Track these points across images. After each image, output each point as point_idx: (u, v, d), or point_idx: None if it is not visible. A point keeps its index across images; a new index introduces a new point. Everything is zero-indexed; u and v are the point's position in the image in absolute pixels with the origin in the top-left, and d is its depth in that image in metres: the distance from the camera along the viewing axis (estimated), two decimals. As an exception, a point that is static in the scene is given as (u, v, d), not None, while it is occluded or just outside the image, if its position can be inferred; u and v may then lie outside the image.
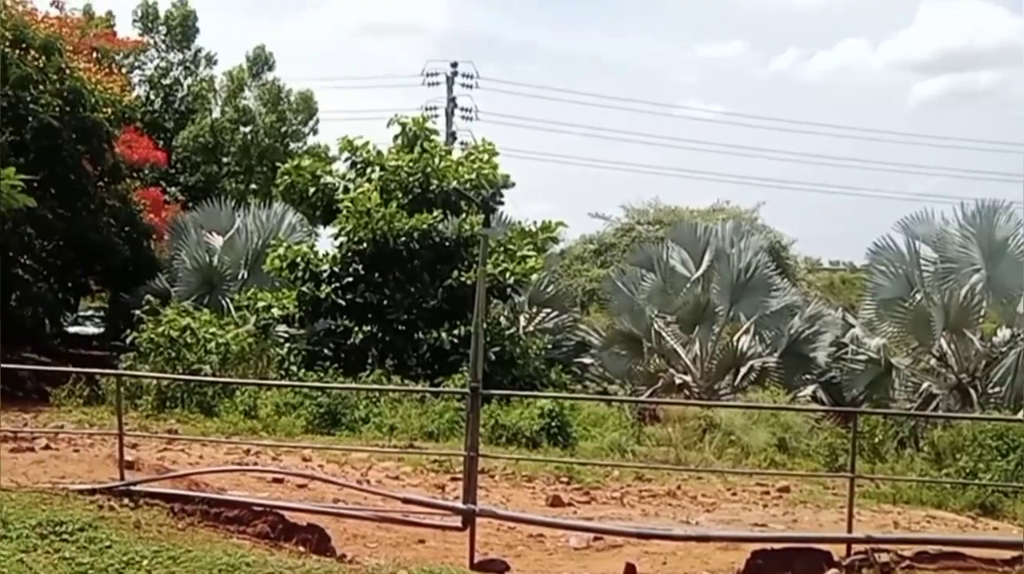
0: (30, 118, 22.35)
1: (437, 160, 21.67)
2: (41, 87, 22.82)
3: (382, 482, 11.57)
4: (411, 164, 21.38)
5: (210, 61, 44.10)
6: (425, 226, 19.89)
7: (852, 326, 22.33)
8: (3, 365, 19.29)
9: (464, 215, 21.43)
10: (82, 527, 7.12)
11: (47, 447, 11.44)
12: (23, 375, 22.17)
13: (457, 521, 8.32)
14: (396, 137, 22.79)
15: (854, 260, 42.99)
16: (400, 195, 20.95)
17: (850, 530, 8.28)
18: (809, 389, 21.67)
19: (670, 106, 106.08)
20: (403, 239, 19.84)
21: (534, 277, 21.39)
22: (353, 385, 17.81)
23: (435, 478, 12.35)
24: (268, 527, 8.29)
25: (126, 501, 8.12)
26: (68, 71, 23.61)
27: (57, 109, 22.76)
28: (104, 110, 24.48)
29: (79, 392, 17.30)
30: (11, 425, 14.47)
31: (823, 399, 21.64)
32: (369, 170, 22.07)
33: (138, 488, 8.40)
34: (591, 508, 11.46)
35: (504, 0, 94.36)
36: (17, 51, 22.44)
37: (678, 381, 21.56)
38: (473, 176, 21.76)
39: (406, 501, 8.86)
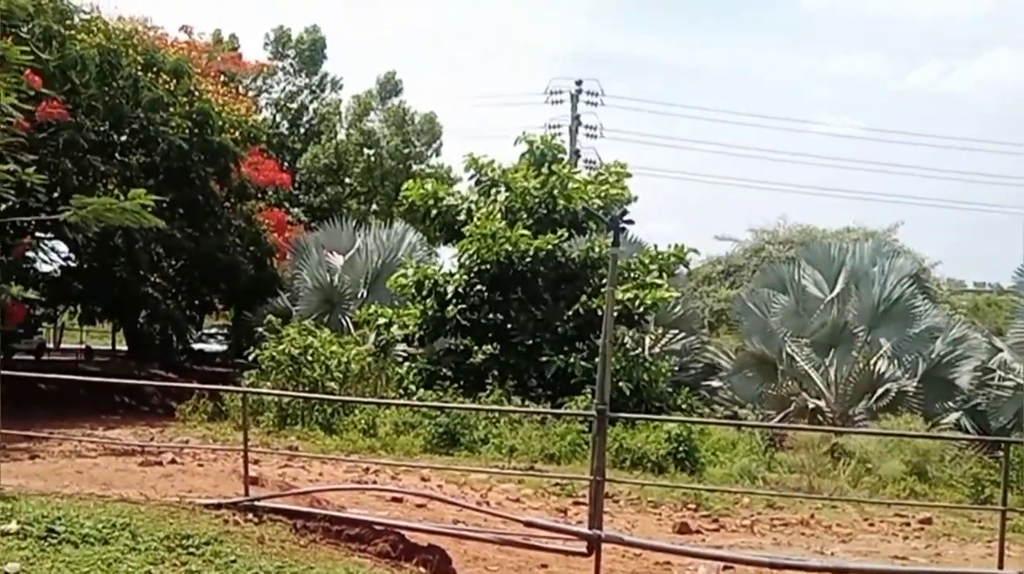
0: (160, 140, 23.24)
1: (566, 182, 21.42)
2: (171, 109, 23.76)
3: (502, 504, 11.32)
4: (539, 186, 21.18)
5: (335, 85, 45.48)
6: (551, 247, 19.67)
7: (1000, 350, 21.09)
8: (132, 381, 20.03)
9: (590, 235, 21.21)
10: (208, 541, 7.21)
11: (173, 461, 11.73)
12: (150, 390, 22.99)
13: (582, 546, 8.04)
14: (523, 155, 22.67)
15: (1001, 281, 40.69)
16: (525, 215, 20.78)
17: (1001, 565, 7.66)
18: (953, 416, 20.45)
19: (801, 121, 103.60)
20: (528, 260, 19.69)
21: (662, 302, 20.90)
22: (473, 405, 17.68)
23: (557, 502, 12.04)
24: (389, 546, 8.21)
25: (250, 516, 8.21)
26: (197, 94, 24.52)
27: (186, 131, 23.65)
28: (231, 132, 25.30)
29: (203, 408, 17.74)
30: (139, 439, 14.94)
31: (967, 427, 20.41)
32: (495, 190, 22.00)
33: (262, 504, 8.48)
34: (720, 536, 10.97)
35: (622, 17, 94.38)
36: (148, 74, 23.42)
37: (811, 406, 20.68)
38: (602, 196, 21.50)
39: (529, 524, 8.60)
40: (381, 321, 20.84)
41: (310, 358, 18.23)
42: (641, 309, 19.97)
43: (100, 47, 21.94)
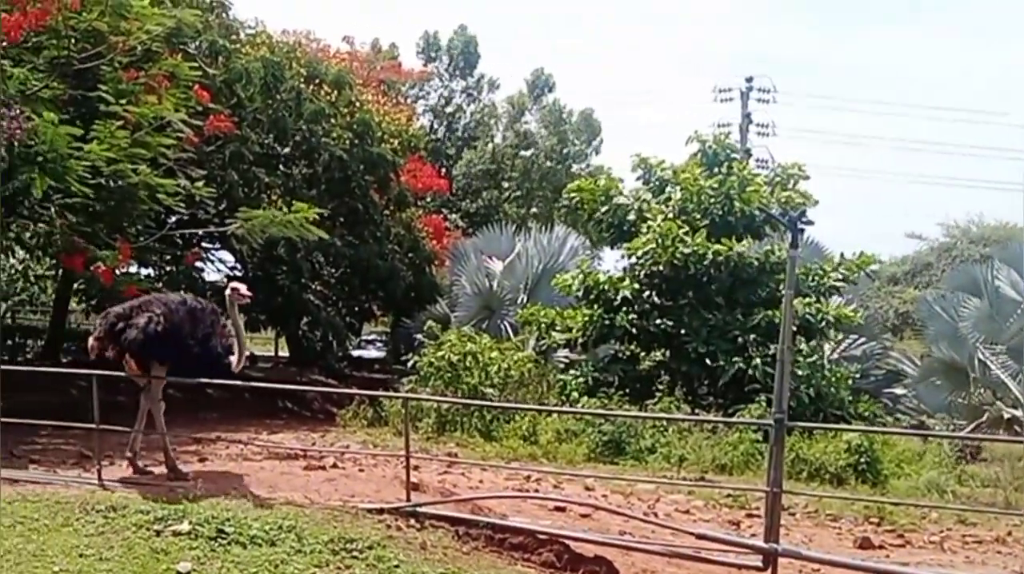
0: (321, 151, 24.06)
1: (744, 183, 20.75)
2: (332, 121, 24.58)
3: (671, 516, 11.07)
4: (715, 186, 20.56)
5: (492, 86, 45.90)
6: (729, 251, 19.20)
7: None
8: (294, 386, 20.78)
9: (766, 239, 20.66)
10: (371, 545, 7.44)
11: (335, 466, 12.07)
12: (311, 396, 23.82)
13: (756, 560, 7.85)
14: (694, 155, 22.11)
15: None
16: (699, 217, 20.31)
17: None
18: None
19: (987, 113, 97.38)
20: (704, 264, 19.28)
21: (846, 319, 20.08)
22: (640, 413, 17.44)
23: (729, 514, 11.69)
24: (553, 556, 8.24)
25: (412, 522, 8.37)
26: (358, 104, 25.28)
27: (347, 142, 24.40)
28: (391, 141, 25.95)
29: (363, 414, 18.18)
30: (301, 443, 15.46)
31: None
32: (668, 190, 21.61)
33: (424, 510, 8.63)
34: (906, 552, 10.36)
35: (781, 13, 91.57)
36: (311, 87, 24.31)
37: (1006, 415, 19.41)
38: (781, 201, 20.85)
39: (700, 537, 8.41)
40: (544, 321, 20.81)
41: (469, 364, 18.44)
42: (823, 323, 19.35)
43: (264, 60, 22.94)
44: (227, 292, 9.96)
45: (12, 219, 17.37)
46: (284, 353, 34.72)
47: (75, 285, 22.75)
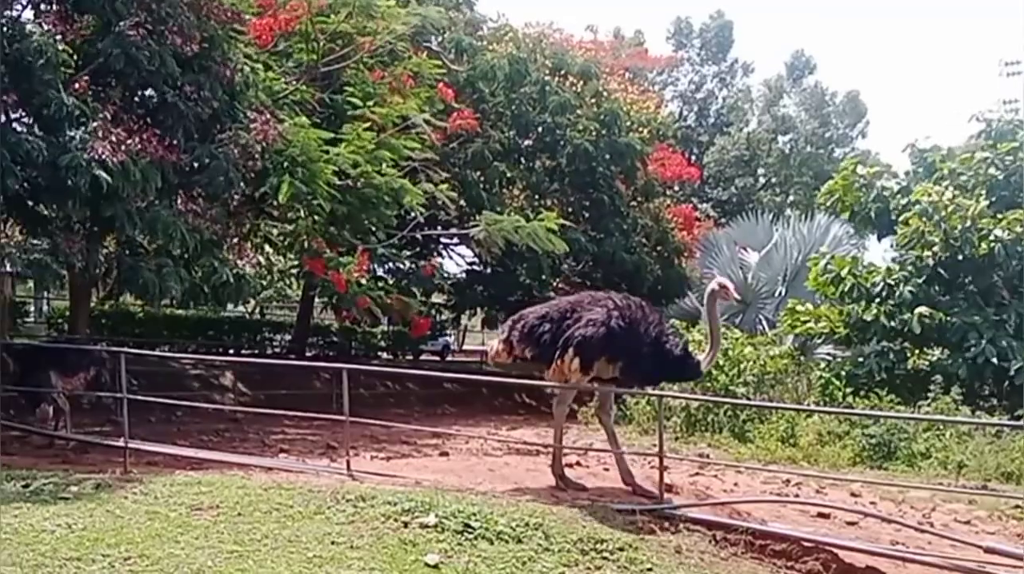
0: (565, 143, 24.26)
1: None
2: (578, 112, 24.73)
3: (949, 526, 10.26)
4: (1000, 162, 18.60)
5: (746, 70, 45.00)
6: (1019, 229, 17.47)
7: None
8: (531, 382, 20.97)
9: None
10: (622, 547, 7.37)
11: (578, 463, 12.10)
12: (550, 391, 24.03)
13: (1052, 579, 7.07)
14: (977, 135, 20.23)
15: None
16: (982, 194, 18.55)
17: None
18: None
19: None
20: (986, 246, 17.63)
21: None
22: (912, 414, 16.33)
23: (1017, 526, 10.69)
24: (820, 566, 7.89)
25: (666, 524, 8.24)
26: (605, 94, 25.30)
27: (592, 133, 24.46)
28: (639, 131, 25.78)
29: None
30: (542, 440, 15.61)
31: None
32: (941, 165, 19.83)
33: (678, 512, 8.49)
34: None
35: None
36: (556, 78, 24.56)
37: None
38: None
39: (989, 550, 7.85)
40: (804, 318, 19.88)
41: (720, 361, 17.94)
42: None
43: (510, 56, 23.42)
44: (712, 286, 9.55)
45: (261, 218, 18.65)
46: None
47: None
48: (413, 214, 19.97)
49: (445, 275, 26.08)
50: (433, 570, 6.54)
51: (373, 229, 19.11)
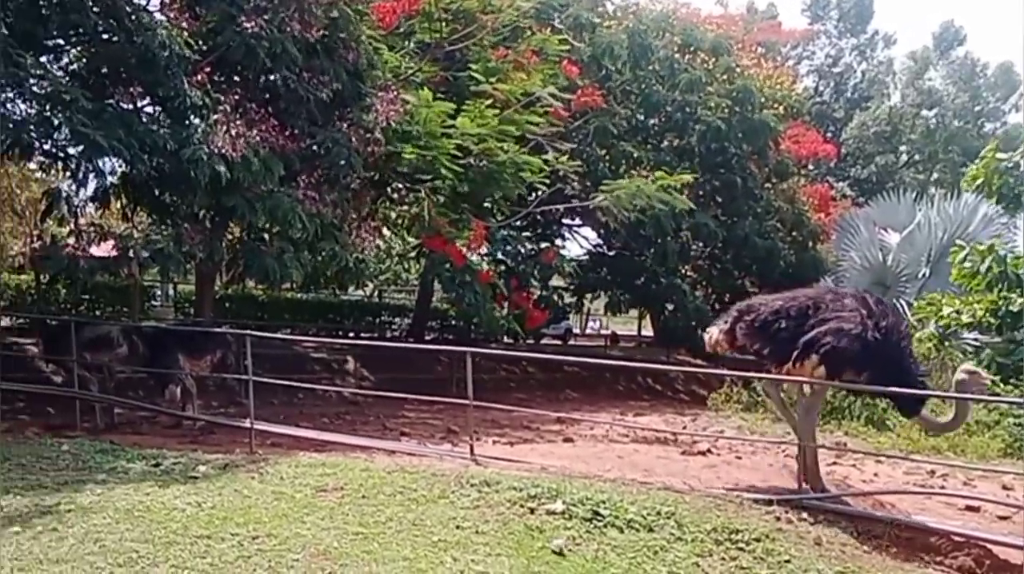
0: (694, 122, 23.98)
1: None
2: (708, 90, 24.41)
3: (1120, 525, 9.82)
4: None
5: (888, 42, 43.67)
6: None
7: None
8: (656, 366, 20.66)
9: None
10: (759, 537, 7.26)
11: (708, 451, 12.08)
12: (674, 375, 23.89)
13: None
14: None
15: None
16: None
17: None
18: None
19: None
20: None
21: None
22: (1067, 404, 15.56)
23: None
24: (972, 561, 7.61)
25: (804, 515, 8.10)
26: (737, 70, 24.91)
27: (724, 110, 24.11)
28: (773, 108, 25.30)
29: (736, 397, 17.89)
30: (669, 426, 15.52)
31: None
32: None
33: (817, 503, 8.34)
34: None
35: None
36: (685, 55, 24.25)
37: None
38: None
39: None
40: (946, 310, 19.19)
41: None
42: None
43: (629, 32, 23.24)
44: (960, 376, 8.63)
45: (380, 201, 18.99)
46: (647, 332, 35.10)
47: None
48: (535, 194, 20.13)
49: (564, 258, 26.14)
50: (559, 557, 6.53)
51: (493, 207, 19.29)
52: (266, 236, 15.44)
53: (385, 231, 21.14)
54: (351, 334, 25.85)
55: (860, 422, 16.17)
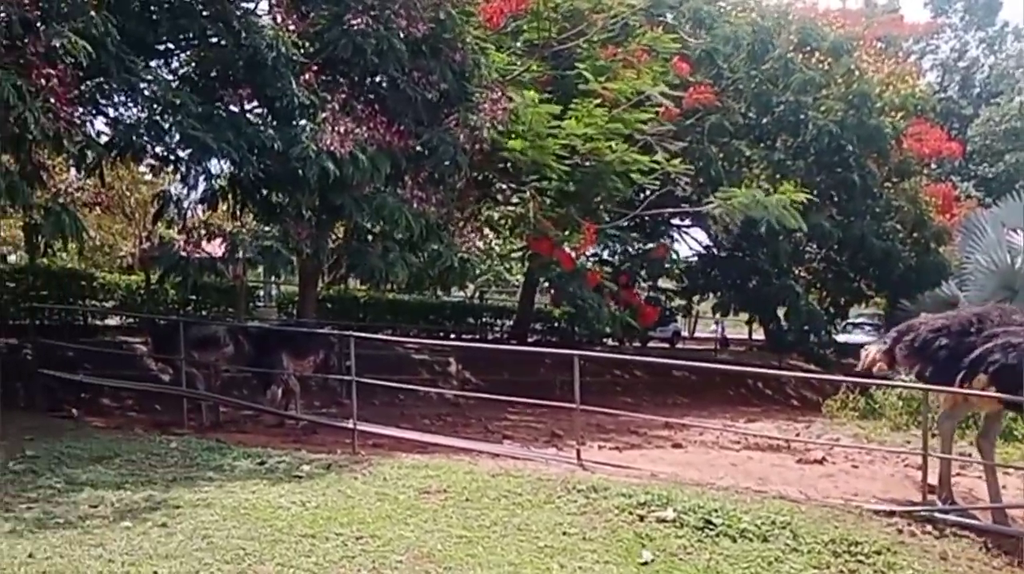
0: (808, 124, 23.45)
1: None
2: (824, 91, 23.90)
3: None
4: None
5: (1018, 35, 42.38)
6: None
7: None
8: (768, 370, 20.26)
9: None
10: (879, 550, 7.05)
11: (823, 460, 11.78)
12: (784, 380, 23.41)
13: None
14: None
15: None
16: None
17: None
18: None
19: None
20: None
21: None
22: None
23: None
24: (1111, 582, 7.24)
25: (929, 528, 7.86)
26: (857, 73, 24.28)
27: (839, 114, 23.52)
28: (891, 115, 24.59)
29: (853, 403, 17.44)
30: (782, 434, 15.20)
31: None
32: None
33: (944, 515, 8.09)
34: None
35: None
36: (801, 55, 23.71)
37: None
38: None
39: None
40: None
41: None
42: None
43: (754, 25, 22.82)
44: None
45: (484, 201, 19.03)
46: (758, 336, 34.53)
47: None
48: (644, 194, 19.94)
49: (676, 258, 25.86)
50: (671, 566, 6.42)
51: (600, 208, 19.19)
52: (370, 237, 15.60)
53: (487, 231, 21.16)
54: (452, 335, 25.98)
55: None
